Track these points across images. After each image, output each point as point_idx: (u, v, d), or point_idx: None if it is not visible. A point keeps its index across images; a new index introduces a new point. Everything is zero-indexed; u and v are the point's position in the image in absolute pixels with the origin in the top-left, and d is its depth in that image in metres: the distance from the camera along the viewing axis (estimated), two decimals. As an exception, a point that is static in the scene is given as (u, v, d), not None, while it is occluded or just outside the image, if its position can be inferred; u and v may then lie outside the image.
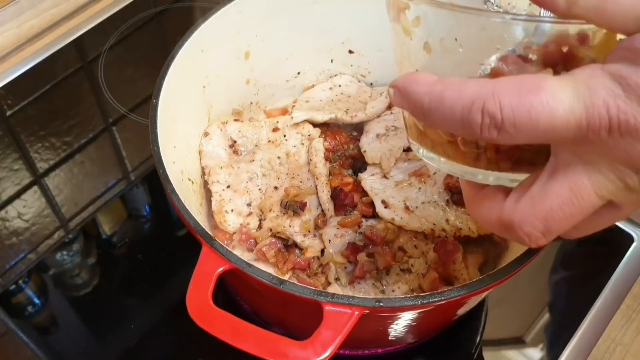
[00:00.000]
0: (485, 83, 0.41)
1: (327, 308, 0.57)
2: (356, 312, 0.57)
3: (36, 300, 0.89)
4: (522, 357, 0.86)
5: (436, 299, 0.58)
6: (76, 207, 0.99)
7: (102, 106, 1.13)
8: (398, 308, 0.58)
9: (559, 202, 0.44)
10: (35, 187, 1.02)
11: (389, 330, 0.71)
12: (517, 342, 0.87)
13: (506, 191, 0.50)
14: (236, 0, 0.81)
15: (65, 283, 0.91)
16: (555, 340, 0.85)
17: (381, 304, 0.58)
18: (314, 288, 0.58)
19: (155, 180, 0.70)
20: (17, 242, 0.95)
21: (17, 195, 1.01)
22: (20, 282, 0.90)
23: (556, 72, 0.45)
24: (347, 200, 0.82)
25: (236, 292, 0.83)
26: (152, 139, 0.67)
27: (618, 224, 0.95)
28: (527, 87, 0.40)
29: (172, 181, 0.65)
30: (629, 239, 0.93)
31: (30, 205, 1.00)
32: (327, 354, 0.55)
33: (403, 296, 0.58)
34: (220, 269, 0.59)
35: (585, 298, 0.88)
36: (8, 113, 1.12)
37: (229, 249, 0.60)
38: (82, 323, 0.88)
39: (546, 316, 0.88)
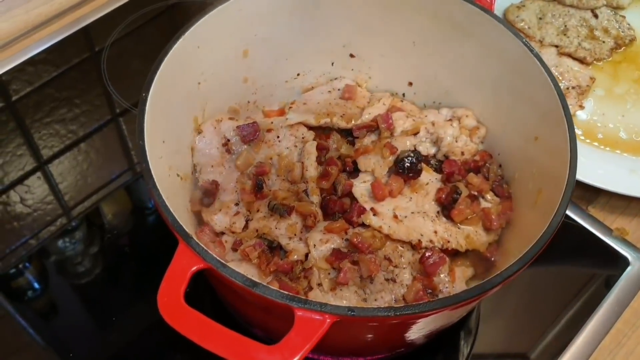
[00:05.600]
0: None
1: (299, 314, 0.57)
2: (328, 320, 0.56)
3: (36, 285, 0.90)
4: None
5: (409, 312, 0.57)
6: (79, 196, 0.99)
7: (109, 97, 1.13)
8: (371, 318, 0.57)
9: None
10: (38, 173, 1.02)
11: (367, 339, 0.70)
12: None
13: None
14: (236, -2, 0.80)
15: (67, 270, 0.91)
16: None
17: (354, 312, 0.57)
18: (286, 292, 0.57)
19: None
20: (18, 227, 0.95)
21: (20, 180, 1.01)
22: (20, 266, 0.90)
23: None
24: (336, 208, 0.81)
25: (219, 292, 0.83)
26: (138, 132, 0.67)
27: (614, 246, 0.93)
28: None
29: (155, 175, 0.65)
30: (624, 262, 0.91)
31: (33, 191, 1.00)
32: (294, 360, 0.54)
33: (377, 307, 0.57)
34: (194, 268, 0.59)
35: (576, 320, 0.86)
36: (14, 98, 1.12)
37: (206, 248, 0.60)
38: (81, 310, 0.88)
39: (540, 336, 0.86)
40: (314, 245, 0.76)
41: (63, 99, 1.12)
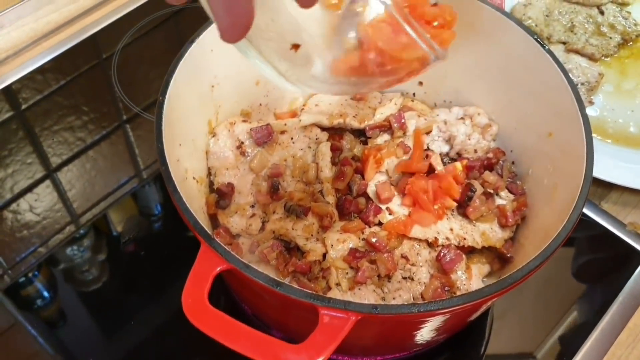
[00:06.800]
0: None
1: (323, 312, 0.57)
2: (352, 317, 0.57)
3: (45, 294, 0.89)
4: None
5: (434, 308, 0.57)
6: (87, 203, 0.99)
7: (117, 103, 1.13)
8: (395, 315, 0.58)
9: None
10: (47, 182, 1.02)
11: (386, 337, 0.70)
12: (521, 357, 0.85)
13: None
14: (248, 1, 0.80)
15: (75, 278, 0.91)
16: (559, 356, 0.83)
17: (377, 310, 0.57)
18: (310, 292, 0.57)
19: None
20: (27, 235, 0.95)
21: (30, 188, 1.01)
22: (30, 275, 0.90)
23: None
24: (352, 208, 0.81)
25: (237, 294, 0.83)
26: (157, 135, 0.67)
27: (629, 240, 0.93)
28: None
29: (174, 179, 0.65)
30: (639, 256, 0.91)
31: (42, 199, 1.00)
32: (320, 359, 0.55)
33: (400, 303, 0.57)
34: (218, 269, 0.59)
35: (593, 314, 0.87)
36: (23, 107, 1.12)
37: (228, 249, 0.60)
38: (90, 318, 0.88)
39: (552, 332, 0.86)
40: (332, 245, 0.77)
41: (71, 106, 1.12)
